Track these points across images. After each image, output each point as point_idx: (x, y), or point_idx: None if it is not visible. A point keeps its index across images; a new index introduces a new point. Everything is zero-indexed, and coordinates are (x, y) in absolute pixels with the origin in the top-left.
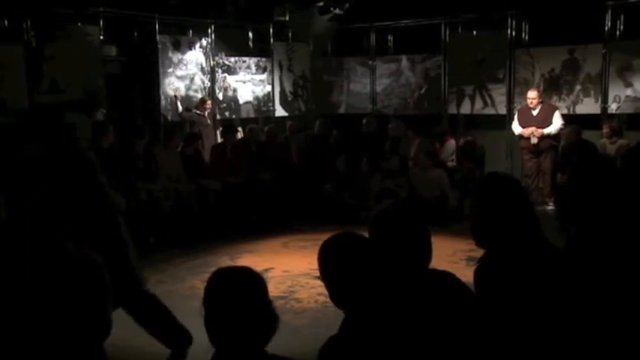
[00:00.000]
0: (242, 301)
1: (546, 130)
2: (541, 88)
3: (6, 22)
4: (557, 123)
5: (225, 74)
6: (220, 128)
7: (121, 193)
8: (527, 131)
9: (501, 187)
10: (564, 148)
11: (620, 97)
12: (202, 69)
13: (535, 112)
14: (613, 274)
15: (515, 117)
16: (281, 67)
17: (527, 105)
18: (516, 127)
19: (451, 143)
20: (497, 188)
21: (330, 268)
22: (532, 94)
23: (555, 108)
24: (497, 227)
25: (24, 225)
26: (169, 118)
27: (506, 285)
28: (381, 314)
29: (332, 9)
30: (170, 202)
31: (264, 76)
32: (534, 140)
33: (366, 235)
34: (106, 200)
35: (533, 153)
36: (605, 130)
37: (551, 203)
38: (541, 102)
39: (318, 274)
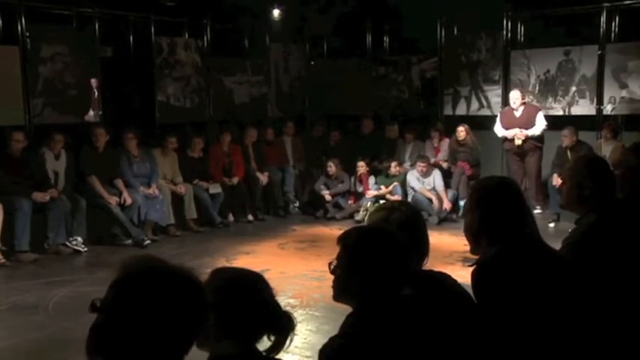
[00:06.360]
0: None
1: (530, 132)
2: (537, 89)
3: (1, 23)
4: (540, 124)
5: (222, 75)
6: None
7: (116, 194)
8: (510, 133)
9: (497, 191)
10: (560, 149)
11: (615, 98)
12: (198, 70)
13: (518, 114)
14: (612, 275)
15: (498, 119)
16: (277, 68)
17: (509, 107)
18: (499, 130)
19: (446, 143)
20: (493, 191)
21: (358, 258)
22: (515, 95)
23: (538, 109)
24: (494, 230)
25: None
26: (165, 119)
27: (504, 286)
28: (382, 314)
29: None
30: (166, 202)
31: (260, 78)
32: (518, 142)
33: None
34: None
35: (518, 155)
36: (606, 131)
37: (537, 207)
38: (524, 103)
39: (315, 275)
